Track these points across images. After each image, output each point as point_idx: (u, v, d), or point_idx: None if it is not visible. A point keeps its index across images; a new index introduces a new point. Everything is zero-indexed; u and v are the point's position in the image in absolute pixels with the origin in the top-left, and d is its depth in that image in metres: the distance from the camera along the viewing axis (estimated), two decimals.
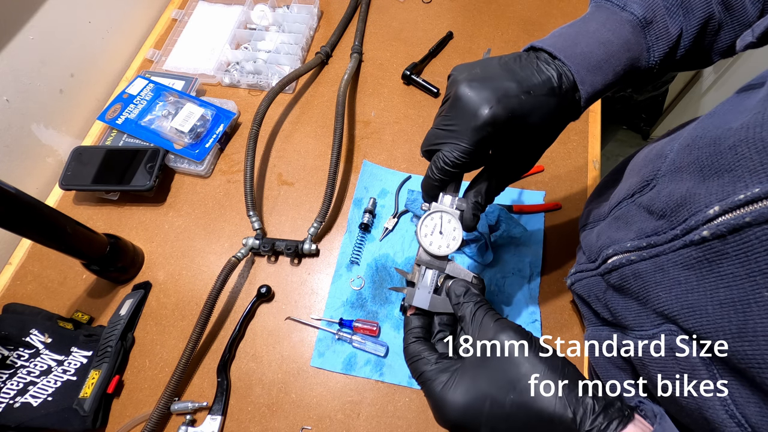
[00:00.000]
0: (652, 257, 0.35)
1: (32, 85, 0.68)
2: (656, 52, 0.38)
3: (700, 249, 0.30)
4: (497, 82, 0.36)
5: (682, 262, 0.32)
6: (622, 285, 0.39)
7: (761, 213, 0.25)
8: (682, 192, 0.33)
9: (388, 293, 0.60)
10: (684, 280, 0.32)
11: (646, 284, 0.36)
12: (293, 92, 0.78)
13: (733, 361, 0.28)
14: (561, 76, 0.36)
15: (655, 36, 0.37)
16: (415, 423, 0.53)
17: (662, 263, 0.34)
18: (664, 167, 0.37)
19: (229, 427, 0.54)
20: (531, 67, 0.37)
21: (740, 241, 0.27)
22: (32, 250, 0.67)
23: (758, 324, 0.26)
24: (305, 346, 0.58)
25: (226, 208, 0.68)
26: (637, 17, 0.37)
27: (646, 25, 0.37)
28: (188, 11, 0.87)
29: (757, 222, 0.26)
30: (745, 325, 0.27)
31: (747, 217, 0.26)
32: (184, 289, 0.62)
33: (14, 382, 0.53)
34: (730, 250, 0.28)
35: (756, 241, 0.26)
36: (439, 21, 0.84)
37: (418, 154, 0.71)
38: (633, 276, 0.37)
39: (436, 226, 0.39)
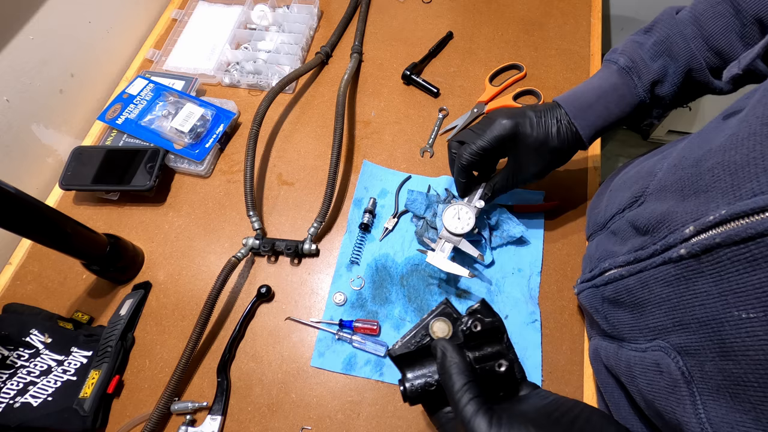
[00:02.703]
0: (638, 272, 0.37)
1: (32, 85, 0.68)
2: (641, 88, 0.48)
3: (678, 266, 0.32)
4: (517, 111, 0.52)
5: (663, 279, 0.34)
6: (616, 298, 0.41)
7: (729, 235, 0.26)
8: (663, 210, 0.35)
9: (388, 293, 0.60)
10: (667, 296, 0.33)
11: (637, 300, 0.37)
12: (293, 92, 0.78)
13: (718, 380, 0.28)
14: (561, 118, 0.51)
15: (637, 76, 0.48)
16: (415, 423, 0.53)
17: (646, 279, 0.36)
18: (652, 185, 0.41)
19: (229, 427, 0.54)
20: (541, 109, 0.52)
21: (713, 261, 0.28)
22: (32, 250, 0.67)
23: (734, 343, 0.27)
24: (305, 346, 0.58)
25: (226, 208, 0.68)
26: (620, 66, 0.49)
27: (629, 70, 0.49)
28: (188, 11, 0.87)
29: (726, 243, 0.27)
30: (723, 344, 0.27)
31: (717, 239, 0.27)
32: (184, 289, 0.63)
33: (14, 382, 0.53)
34: (705, 269, 0.29)
35: (727, 261, 0.27)
36: (439, 21, 0.84)
37: (418, 154, 0.71)
38: (626, 291, 0.39)
39: (456, 213, 0.56)
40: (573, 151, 0.52)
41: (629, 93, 0.49)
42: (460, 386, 0.32)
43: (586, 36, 0.80)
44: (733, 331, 0.27)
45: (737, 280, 0.26)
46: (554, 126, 0.50)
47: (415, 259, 0.62)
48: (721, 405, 0.28)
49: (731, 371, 0.27)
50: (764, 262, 0.25)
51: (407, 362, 0.38)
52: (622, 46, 0.51)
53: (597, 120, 0.50)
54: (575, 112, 0.50)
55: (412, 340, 0.40)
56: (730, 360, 0.27)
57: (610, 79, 0.50)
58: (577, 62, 0.77)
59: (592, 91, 0.51)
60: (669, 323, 0.33)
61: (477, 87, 0.76)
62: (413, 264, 0.62)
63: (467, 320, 0.37)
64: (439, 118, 0.74)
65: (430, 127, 0.73)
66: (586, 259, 0.53)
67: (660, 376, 0.34)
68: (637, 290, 0.37)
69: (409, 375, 0.37)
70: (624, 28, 1.16)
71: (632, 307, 0.38)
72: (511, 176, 0.54)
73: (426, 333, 0.40)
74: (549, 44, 0.80)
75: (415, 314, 0.59)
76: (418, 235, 0.62)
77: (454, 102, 0.75)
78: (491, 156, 0.52)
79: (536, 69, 0.77)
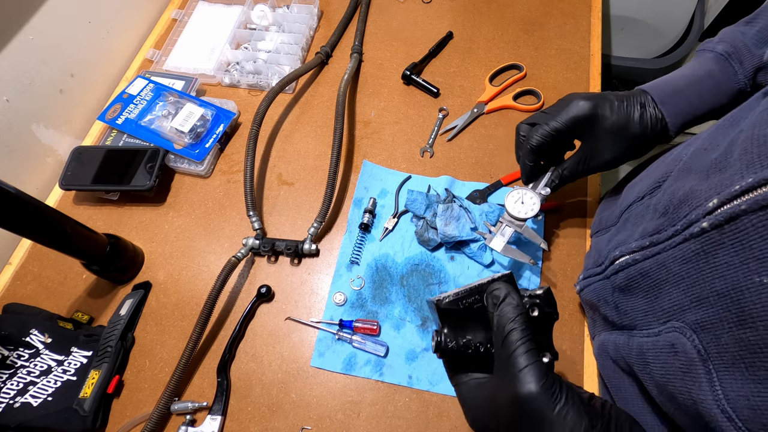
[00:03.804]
0: (654, 255, 0.36)
1: (32, 85, 0.68)
2: (742, 74, 0.45)
3: (698, 241, 0.31)
4: (596, 93, 0.49)
5: (682, 257, 0.33)
6: (629, 285, 0.40)
7: (755, 200, 0.26)
8: (685, 190, 0.34)
9: (388, 293, 0.60)
10: (686, 274, 0.33)
11: (654, 282, 0.37)
12: (293, 92, 0.78)
13: (734, 352, 0.28)
14: (646, 103, 0.47)
15: (739, 62, 0.45)
16: (415, 423, 0.53)
17: (663, 260, 0.35)
18: (676, 169, 0.39)
19: (229, 427, 0.54)
20: (625, 93, 0.49)
21: (736, 230, 0.28)
22: (32, 250, 0.67)
23: (753, 309, 0.27)
24: (305, 346, 0.58)
25: (226, 208, 0.68)
26: (718, 52, 0.46)
27: (728, 57, 0.46)
28: (188, 11, 0.87)
29: (752, 209, 0.27)
30: (742, 313, 0.27)
31: (743, 206, 0.27)
32: (184, 289, 0.63)
33: (14, 382, 0.53)
34: (726, 240, 0.29)
35: (751, 228, 0.27)
36: (439, 21, 0.84)
37: (418, 154, 0.71)
38: (640, 275, 0.38)
39: (520, 198, 0.54)
40: (656, 141, 0.49)
41: (727, 80, 0.46)
42: (520, 336, 0.32)
43: (586, 36, 0.80)
44: (753, 297, 0.27)
45: (760, 246, 0.26)
46: (637, 111, 0.47)
47: (415, 259, 0.62)
48: (737, 378, 0.28)
49: (748, 339, 0.27)
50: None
51: (450, 318, 0.36)
52: (719, 35, 0.48)
53: (687, 107, 0.46)
54: (663, 97, 0.47)
55: (464, 299, 0.37)
56: (747, 328, 0.27)
57: (706, 65, 0.47)
58: (577, 62, 0.77)
59: (683, 78, 0.47)
60: (686, 301, 0.33)
61: (477, 87, 0.76)
62: (413, 264, 0.62)
63: (526, 302, 0.36)
64: (439, 118, 0.74)
65: (430, 127, 0.73)
66: (592, 254, 0.53)
67: (675, 357, 0.33)
68: (654, 272, 0.37)
69: (447, 330, 0.36)
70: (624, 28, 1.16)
71: (646, 291, 0.38)
72: (583, 162, 0.52)
73: (480, 298, 0.37)
74: (549, 44, 0.80)
75: (415, 314, 0.59)
76: (418, 235, 0.62)
77: (454, 102, 0.75)
78: (564, 138, 0.50)
79: (536, 69, 0.77)
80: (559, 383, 0.31)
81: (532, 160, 0.52)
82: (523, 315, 0.33)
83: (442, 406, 0.54)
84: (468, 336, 0.36)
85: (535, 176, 0.55)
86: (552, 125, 0.49)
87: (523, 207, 0.53)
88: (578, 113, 0.48)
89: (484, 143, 0.71)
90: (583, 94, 0.49)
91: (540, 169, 0.55)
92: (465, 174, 0.68)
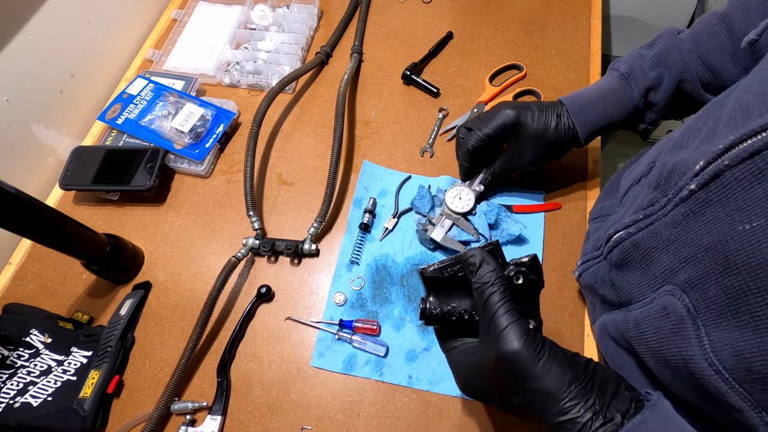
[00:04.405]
0: (648, 226, 0.38)
1: (32, 85, 0.68)
2: (636, 93, 0.54)
3: (686, 204, 0.33)
4: (521, 103, 0.57)
5: (671, 222, 0.35)
6: (623, 260, 0.42)
7: (737, 154, 0.28)
8: (675, 161, 0.36)
9: (388, 293, 0.60)
10: (675, 237, 0.35)
11: (646, 251, 0.39)
12: (293, 92, 0.78)
13: (720, 302, 0.30)
14: (561, 114, 0.56)
15: (635, 82, 0.54)
16: (415, 423, 0.53)
17: (655, 228, 0.37)
18: (667, 148, 0.42)
19: (229, 427, 0.54)
20: (545, 104, 0.58)
21: (721, 185, 0.30)
22: (32, 250, 0.67)
23: (737, 257, 0.28)
24: (305, 346, 0.58)
25: (226, 208, 0.68)
26: (620, 72, 0.55)
27: (627, 76, 0.54)
28: (188, 11, 0.87)
29: (734, 163, 0.28)
30: (727, 262, 0.29)
31: (726, 161, 0.29)
32: (184, 289, 0.63)
33: (14, 382, 0.53)
34: (712, 197, 0.31)
35: (734, 180, 0.29)
36: (439, 21, 0.84)
37: (418, 154, 0.71)
38: (633, 247, 0.40)
39: (458, 194, 0.61)
40: (569, 146, 0.58)
41: (626, 97, 0.54)
42: (499, 298, 0.33)
43: (586, 36, 0.80)
44: (737, 245, 0.28)
45: (743, 196, 0.28)
46: (554, 120, 0.56)
47: (415, 259, 0.62)
48: (723, 329, 0.29)
49: (733, 287, 0.29)
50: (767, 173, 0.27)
51: (435, 286, 0.38)
52: (627, 56, 0.56)
53: (594, 119, 0.55)
54: (575, 109, 0.55)
55: (448, 268, 0.38)
56: (732, 275, 0.29)
57: (611, 83, 0.55)
58: (577, 62, 0.77)
59: (593, 92, 0.56)
60: (676, 263, 0.34)
61: (477, 87, 0.76)
62: (413, 264, 0.62)
63: (511, 270, 0.36)
64: (439, 118, 0.74)
65: (430, 127, 0.73)
66: (590, 239, 0.54)
67: (666, 319, 0.35)
68: (646, 242, 0.38)
69: (433, 298, 0.37)
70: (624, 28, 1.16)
71: (639, 262, 0.39)
72: (509, 162, 0.60)
73: None
74: (549, 44, 0.80)
75: (415, 314, 0.59)
76: (419, 234, 0.62)
77: (454, 102, 0.75)
78: (494, 143, 0.57)
79: (536, 69, 0.77)
80: (541, 340, 0.32)
81: (468, 161, 0.60)
82: (501, 278, 0.34)
83: (442, 406, 0.54)
84: (453, 303, 0.37)
85: (471, 175, 0.63)
86: (484, 131, 0.56)
87: (460, 202, 0.61)
88: (505, 121, 0.56)
89: None
90: (510, 104, 0.57)
91: (476, 168, 0.62)
92: None
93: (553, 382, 0.31)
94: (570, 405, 0.30)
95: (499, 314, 0.33)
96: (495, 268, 0.35)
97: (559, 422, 0.30)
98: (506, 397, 0.34)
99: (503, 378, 0.33)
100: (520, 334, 0.32)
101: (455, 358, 0.38)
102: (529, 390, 0.31)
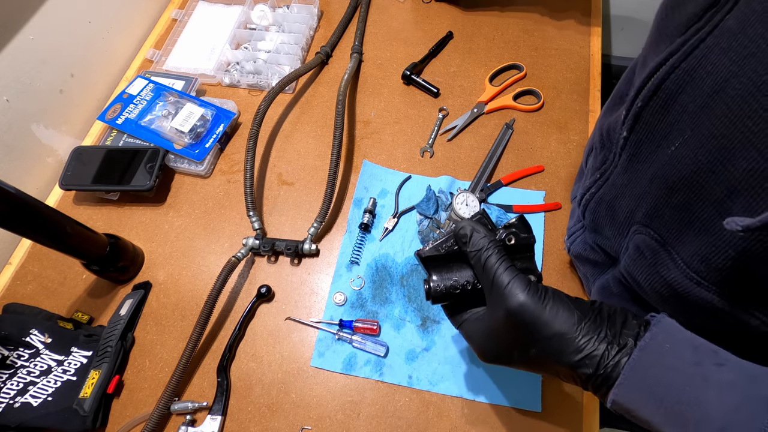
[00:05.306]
0: (606, 181, 0.42)
1: (32, 85, 0.68)
2: None
3: (626, 150, 0.38)
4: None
5: (621, 170, 0.39)
6: (594, 219, 0.45)
7: (645, 95, 0.34)
8: (610, 120, 0.40)
9: (388, 293, 0.60)
10: (628, 182, 0.38)
11: (608, 203, 0.42)
12: (293, 92, 0.78)
13: (676, 220, 0.33)
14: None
15: None
16: (415, 423, 0.53)
17: (612, 181, 0.41)
18: (601, 112, 0.47)
19: (229, 427, 0.54)
20: None
21: (643, 124, 0.35)
22: (32, 250, 0.67)
23: (672, 176, 0.33)
24: (305, 346, 0.58)
25: (226, 208, 0.68)
26: None
27: None
28: (188, 11, 0.87)
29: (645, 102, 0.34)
30: (668, 184, 0.33)
31: (639, 102, 0.34)
32: (184, 289, 0.62)
33: (14, 382, 0.53)
34: (641, 136, 0.36)
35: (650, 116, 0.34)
36: (439, 21, 0.84)
37: (418, 154, 0.71)
38: (597, 204, 0.44)
39: (464, 201, 0.61)
40: None
41: None
42: (496, 259, 0.34)
43: (586, 36, 0.80)
44: (670, 166, 0.33)
45: (661, 126, 0.33)
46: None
47: (415, 259, 0.62)
48: (687, 243, 0.33)
49: (680, 203, 0.33)
50: (671, 101, 0.32)
51: (434, 264, 0.39)
52: None
53: None
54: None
55: (443, 245, 0.39)
56: (675, 193, 0.33)
57: None
58: (577, 62, 0.77)
59: None
60: (633, 203, 0.38)
61: (477, 87, 0.76)
62: (413, 264, 0.62)
63: (502, 233, 0.38)
64: (439, 118, 0.74)
65: (430, 127, 0.73)
66: (573, 218, 0.56)
67: (643, 257, 0.37)
68: (606, 194, 0.42)
69: (435, 276, 0.38)
70: (624, 28, 1.16)
71: (605, 216, 0.43)
72: None
73: None
74: (549, 44, 0.80)
75: (415, 314, 0.59)
76: (422, 235, 0.62)
77: (454, 102, 0.75)
78: None
79: (536, 69, 0.77)
80: (543, 288, 0.33)
81: None
82: (493, 242, 0.36)
83: (442, 406, 0.54)
84: (454, 277, 0.38)
85: None
86: None
87: (467, 208, 0.61)
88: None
89: (484, 143, 0.71)
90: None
91: None
92: (465, 174, 0.68)
93: (563, 323, 0.31)
94: (584, 341, 0.31)
95: (498, 273, 0.34)
96: (485, 234, 0.36)
97: (578, 360, 0.31)
98: (524, 352, 0.34)
99: (516, 332, 0.33)
100: (522, 287, 0.32)
101: (468, 328, 0.39)
102: (543, 337, 0.32)
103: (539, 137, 0.71)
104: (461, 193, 0.62)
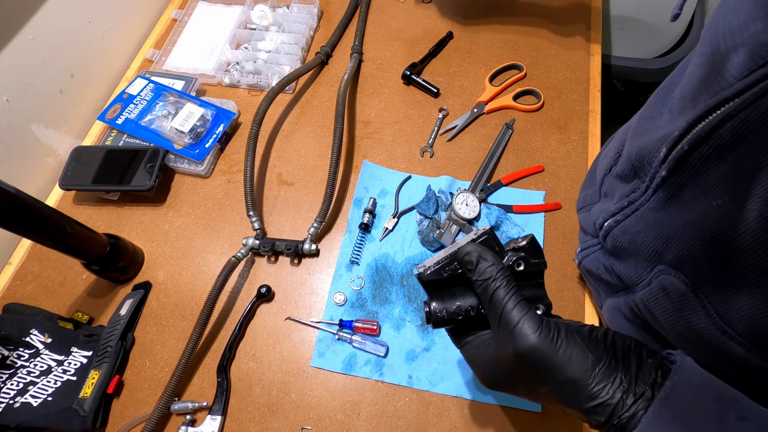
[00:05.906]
0: (634, 212, 0.39)
1: (32, 85, 0.68)
2: None
3: (664, 189, 0.34)
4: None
5: (655, 207, 0.36)
6: (615, 246, 0.43)
7: (692, 140, 0.30)
8: (637, 149, 0.38)
9: (388, 293, 0.60)
10: (659, 221, 0.36)
11: (632, 235, 0.40)
12: (293, 92, 0.78)
13: (713, 274, 0.31)
14: None
15: None
16: (415, 423, 0.53)
17: (642, 214, 0.38)
18: (628, 137, 0.43)
19: (229, 427, 0.54)
20: None
21: (689, 169, 0.31)
22: (32, 250, 0.67)
23: (713, 230, 0.30)
24: (305, 346, 0.58)
25: (226, 208, 0.68)
26: None
27: None
28: (188, 11, 0.87)
29: (692, 147, 0.30)
30: (708, 236, 0.31)
31: (685, 147, 0.30)
32: (184, 289, 0.62)
33: (14, 382, 0.53)
34: (685, 180, 0.32)
35: (699, 163, 0.30)
36: (439, 21, 0.84)
37: (418, 154, 0.71)
38: (621, 233, 0.41)
39: (464, 201, 0.62)
40: None
41: None
42: (504, 293, 0.32)
43: (586, 36, 0.80)
44: (712, 219, 0.30)
45: (710, 175, 0.30)
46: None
47: (415, 259, 0.62)
48: (724, 296, 0.31)
49: (719, 258, 0.30)
50: (724, 152, 0.28)
51: (436, 287, 0.36)
52: None
53: None
54: None
55: (446, 268, 0.36)
56: (715, 248, 0.30)
57: None
58: (577, 62, 0.77)
59: None
60: (659, 244, 0.36)
61: (477, 87, 0.76)
62: (413, 264, 0.62)
63: (511, 257, 0.35)
64: (439, 118, 0.74)
65: (430, 127, 0.73)
66: (585, 227, 0.54)
67: (668, 298, 0.35)
68: (632, 227, 0.39)
69: (435, 303, 0.36)
70: (624, 28, 1.16)
71: (629, 247, 0.40)
72: None
73: None
74: (549, 44, 0.80)
75: (415, 314, 0.59)
76: (422, 235, 0.62)
77: (454, 102, 0.75)
78: None
79: (536, 69, 0.77)
80: (555, 327, 0.31)
81: None
82: (502, 271, 0.33)
83: (442, 406, 0.54)
84: (457, 303, 0.36)
85: None
86: None
87: (467, 209, 0.61)
88: None
89: (484, 143, 0.71)
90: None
91: None
92: (465, 174, 0.68)
93: (576, 369, 0.30)
94: (598, 389, 0.29)
95: (508, 309, 0.31)
96: (493, 261, 0.33)
97: (591, 407, 0.29)
98: (531, 389, 0.33)
99: (525, 372, 0.32)
100: (534, 327, 0.30)
101: (471, 353, 0.37)
102: (554, 380, 0.30)
103: (539, 137, 0.71)
104: (461, 193, 0.62)
